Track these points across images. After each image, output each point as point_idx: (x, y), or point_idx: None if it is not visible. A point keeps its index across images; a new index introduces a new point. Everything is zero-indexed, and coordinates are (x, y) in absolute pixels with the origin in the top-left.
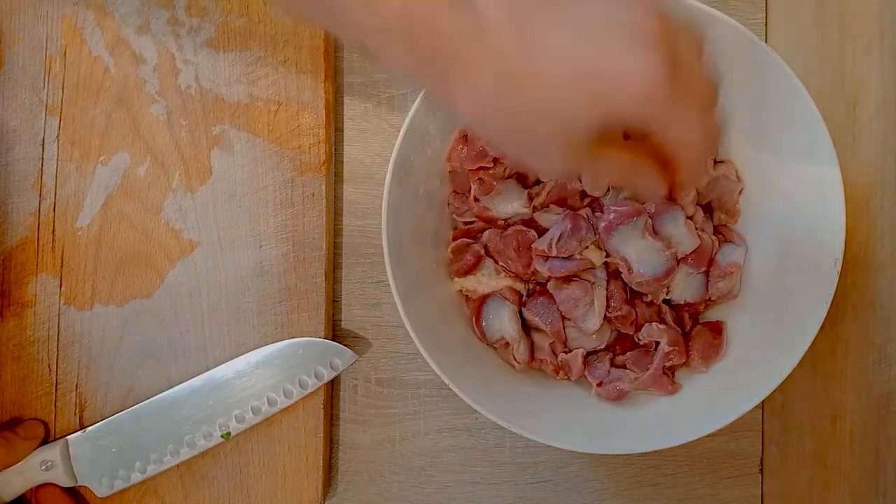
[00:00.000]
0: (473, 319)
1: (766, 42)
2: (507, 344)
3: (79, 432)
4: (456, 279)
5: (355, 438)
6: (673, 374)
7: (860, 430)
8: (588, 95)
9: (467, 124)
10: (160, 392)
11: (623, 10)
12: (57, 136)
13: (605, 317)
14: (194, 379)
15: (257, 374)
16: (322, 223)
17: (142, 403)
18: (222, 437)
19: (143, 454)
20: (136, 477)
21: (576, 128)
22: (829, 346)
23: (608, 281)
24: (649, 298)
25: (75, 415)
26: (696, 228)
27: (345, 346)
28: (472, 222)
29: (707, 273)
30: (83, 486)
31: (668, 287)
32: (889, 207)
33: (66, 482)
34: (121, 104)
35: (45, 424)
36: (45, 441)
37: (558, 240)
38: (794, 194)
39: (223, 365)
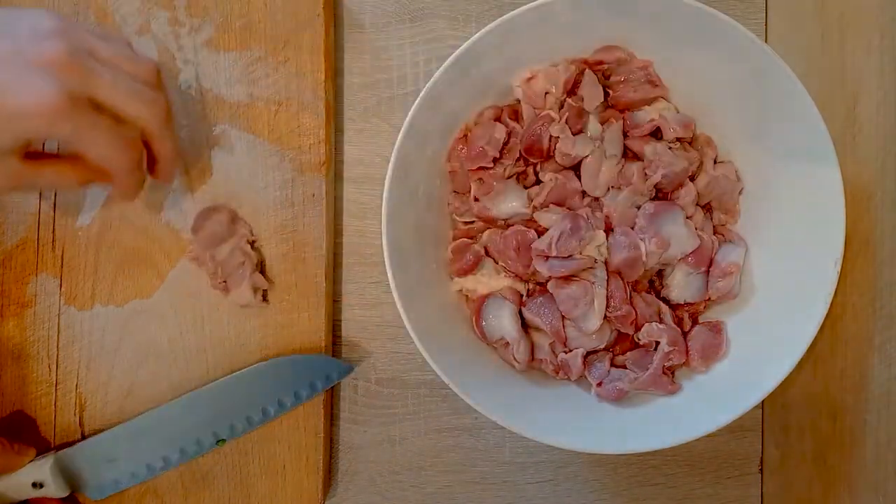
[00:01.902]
0: (473, 319)
1: (766, 42)
2: (507, 344)
3: (69, 448)
4: (456, 279)
5: (355, 438)
6: (673, 374)
7: (860, 430)
8: None
9: None
10: (160, 392)
11: (31, 44)
12: None
13: (605, 316)
14: (192, 393)
15: (254, 386)
16: (322, 223)
17: (137, 418)
18: (217, 443)
19: (137, 464)
20: (130, 482)
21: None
22: (829, 346)
23: (608, 280)
24: (650, 298)
25: (75, 415)
26: (696, 228)
27: (346, 346)
28: (472, 222)
29: (707, 273)
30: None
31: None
32: (889, 207)
33: (59, 495)
34: None
35: (44, 441)
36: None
37: (558, 239)
38: (794, 194)
39: (220, 380)
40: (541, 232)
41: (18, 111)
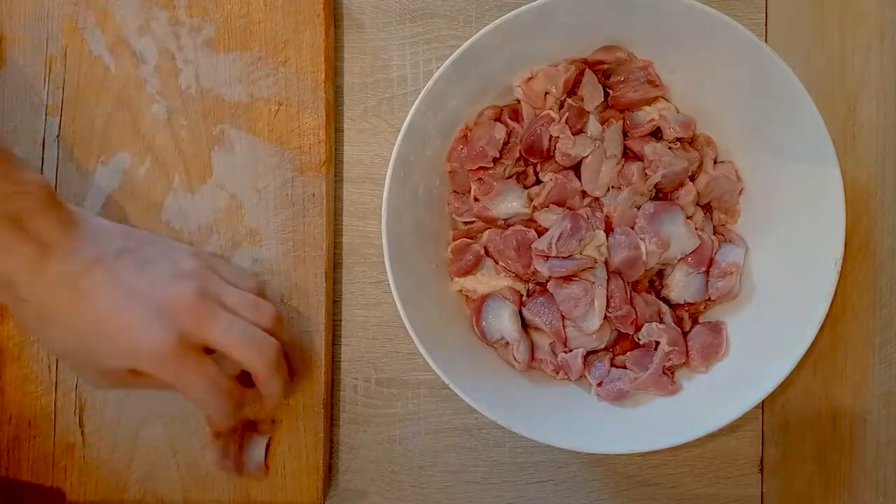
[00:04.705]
0: (473, 319)
1: (766, 42)
2: (507, 344)
3: None
4: (456, 279)
5: (355, 438)
6: (673, 374)
7: (860, 429)
8: (113, 348)
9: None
10: (160, 391)
11: (165, 285)
12: (57, 136)
13: (605, 316)
14: None
15: None
16: (322, 223)
17: None
18: None
19: None
20: None
21: (109, 368)
22: (829, 346)
23: (608, 280)
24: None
25: (75, 415)
26: (696, 228)
27: (346, 346)
28: (472, 222)
29: (707, 273)
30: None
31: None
32: (889, 207)
33: None
34: (121, 104)
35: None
36: None
37: (558, 239)
38: (794, 194)
39: None
40: (541, 232)
41: (133, 349)
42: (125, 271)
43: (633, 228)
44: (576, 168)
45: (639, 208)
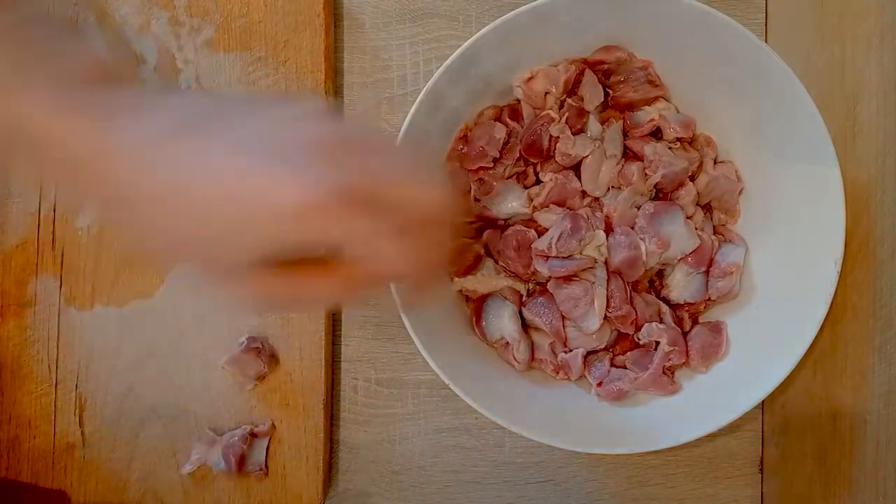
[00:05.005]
0: (473, 319)
1: (766, 42)
2: (507, 344)
3: None
4: (456, 279)
5: (355, 438)
6: (673, 374)
7: (860, 430)
8: (244, 215)
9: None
10: (160, 392)
11: (289, 128)
12: None
13: (606, 316)
14: None
15: None
16: None
17: None
18: None
19: None
20: None
21: (249, 254)
22: (829, 346)
23: (608, 280)
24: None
25: (75, 415)
26: (696, 228)
27: (346, 346)
28: (472, 222)
29: (707, 273)
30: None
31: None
32: (889, 207)
33: None
34: None
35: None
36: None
37: (558, 239)
38: (794, 194)
39: None
40: (541, 232)
41: (275, 212)
42: (227, 126)
43: (633, 228)
44: (576, 168)
45: (639, 208)
